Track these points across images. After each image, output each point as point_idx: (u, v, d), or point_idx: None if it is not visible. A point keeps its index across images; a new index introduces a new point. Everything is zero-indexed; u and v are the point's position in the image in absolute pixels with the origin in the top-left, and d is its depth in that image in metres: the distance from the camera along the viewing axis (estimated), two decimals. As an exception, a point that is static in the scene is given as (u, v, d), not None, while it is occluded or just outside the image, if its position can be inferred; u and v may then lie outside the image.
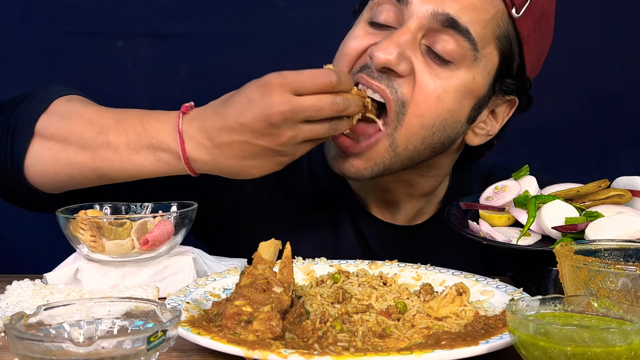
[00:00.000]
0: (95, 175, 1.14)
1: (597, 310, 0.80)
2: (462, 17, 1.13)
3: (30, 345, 0.72)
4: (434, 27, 1.14)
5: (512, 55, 1.20)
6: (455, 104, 1.17)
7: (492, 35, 1.17)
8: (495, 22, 1.16)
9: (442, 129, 1.18)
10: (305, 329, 0.89)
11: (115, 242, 1.09)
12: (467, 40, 1.14)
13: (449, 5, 1.13)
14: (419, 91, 1.14)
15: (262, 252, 0.94)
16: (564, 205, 1.12)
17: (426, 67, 1.14)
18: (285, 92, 1.02)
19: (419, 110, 1.15)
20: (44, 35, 1.89)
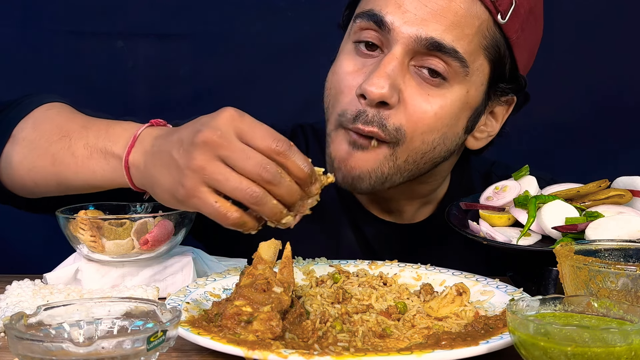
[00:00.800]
0: (55, 181, 1.12)
1: (597, 311, 0.80)
2: (447, 38, 1.11)
3: (30, 345, 0.72)
4: (420, 51, 1.13)
5: (502, 60, 1.20)
6: (452, 118, 1.17)
7: (479, 47, 1.15)
8: (480, 33, 1.15)
9: (442, 143, 1.19)
10: (305, 329, 0.89)
11: (115, 242, 1.09)
12: (456, 59, 1.13)
13: (432, 28, 1.11)
14: (413, 113, 1.14)
15: (262, 252, 0.94)
16: (564, 205, 1.12)
17: (418, 90, 1.14)
18: (229, 125, 0.93)
19: (418, 129, 1.15)
20: (44, 35, 1.88)
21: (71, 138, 1.10)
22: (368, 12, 1.15)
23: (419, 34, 1.11)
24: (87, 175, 1.08)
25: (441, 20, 1.11)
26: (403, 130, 1.14)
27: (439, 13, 1.11)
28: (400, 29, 1.12)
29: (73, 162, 1.08)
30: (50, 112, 1.18)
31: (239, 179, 0.90)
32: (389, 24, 1.12)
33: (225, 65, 1.94)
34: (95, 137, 1.08)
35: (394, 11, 1.12)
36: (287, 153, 0.93)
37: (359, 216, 1.37)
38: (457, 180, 1.39)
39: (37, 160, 1.12)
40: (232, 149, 0.91)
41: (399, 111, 1.14)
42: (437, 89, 1.14)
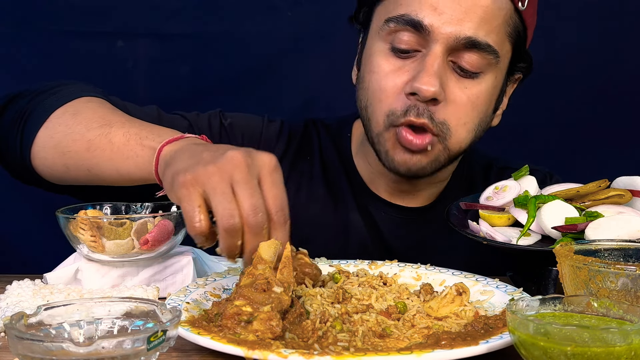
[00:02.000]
0: (87, 167, 1.14)
1: (597, 310, 0.80)
2: (480, 34, 1.21)
3: (30, 345, 0.72)
4: (457, 47, 1.21)
5: (522, 43, 1.30)
6: (487, 103, 1.28)
7: (505, 35, 1.25)
8: (506, 22, 1.24)
9: (480, 127, 1.30)
10: (305, 329, 0.89)
11: (115, 242, 1.09)
12: (489, 52, 1.22)
13: (466, 27, 1.20)
14: (456, 107, 1.24)
15: (262, 252, 0.94)
16: (564, 205, 1.12)
17: (456, 84, 1.24)
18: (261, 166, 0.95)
19: (461, 121, 1.25)
20: (44, 35, 1.89)
21: (112, 126, 1.13)
22: (403, 16, 1.22)
23: (457, 33, 1.19)
24: (119, 161, 1.10)
25: (473, 17, 1.20)
26: (447, 124, 1.24)
27: (471, 10, 1.20)
28: (439, 29, 1.20)
29: (109, 148, 1.11)
30: (92, 103, 1.22)
31: (232, 203, 0.91)
32: (428, 27, 1.20)
33: (225, 65, 1.94)
34: (139, 128, 1.11)
35: (431, 14, 1.20)
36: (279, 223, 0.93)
37: (368, 200, 1.41)
38: (459, 171, 1.45)
39: (72, 145, 1.15)
40: (247, 180, 0.92)
41: (444, 106, 1.23)
42: (473, 80, 1.24)
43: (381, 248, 1.39)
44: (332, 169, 1.44)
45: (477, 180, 1.47)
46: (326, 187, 1.43)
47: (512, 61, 1.31)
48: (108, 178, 1.15)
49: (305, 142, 1.47)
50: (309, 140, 1.47)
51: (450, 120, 1.24)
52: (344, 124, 1.48)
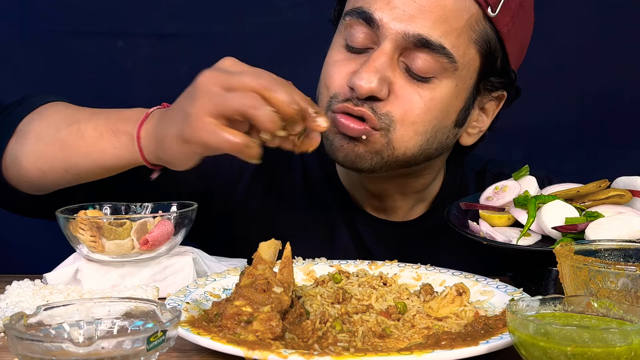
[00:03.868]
0: (64, 168, 1.12)
1: (597, 311, 0.80)
2: (434, 34, 1.13)
3: (30, 345, 0.72)
4: (408, 47, 1.14)
5: (493, 54, 1.21)
6: (442, 111, 1.19)
7: (468, 41, 1.17)
8: (469, 27, 1.16)
9: (434, 135, 1.20)
10: (305, 329, 0.88)
11: (115, 242, 1.09)
12: (443, 55, 1.14)
13: (419, 24, 1.13)
14: (403, 103, 1.16)
15: (262, 252, 0.94)
16: (564, 205, 1.12)
17: (407, 83, 1.16)
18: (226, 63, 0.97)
19: (408, 118, 1.17)
20: (44, 35, 1.89)
21: (80, 123, 1.11)
22: (357, 9, 1.17)
23: (406, 30, 1.13)
24: (96, 155, 1.09)
25: (429, 15, 1.13)
26: (391, 116, 1.16)
27: (427, 8, 1.13)
28: (388, 25, 1.13)
29: (82, 144, 1.09)
30: (57, 106, 1.20)
31: (236, 93, 0.92)
32: (377, 21, 1.14)
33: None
34: (106, 119, 1.10)
35: (383, 7, 1.14)
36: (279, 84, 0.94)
37: (354, 215, 1.38)
38: (451, 178, 1.40)
39: (44, 149, 1.13)
40: (229, 75, 0.94)
41: (389, 102, 1.16)
42: (425, 84, 1.16)
43: None
44: (315, 181, 1.41)
45: (470, 187, 1.43)
46: (308, 201, 1.40)
47: (484, 74, 1.21)
48: (87, 174, 1.13)
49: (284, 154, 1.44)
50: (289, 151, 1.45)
51: (395, 113, 1.16)
52: None
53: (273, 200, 1.40)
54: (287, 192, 1.41)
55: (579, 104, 1.96)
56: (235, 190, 1.40)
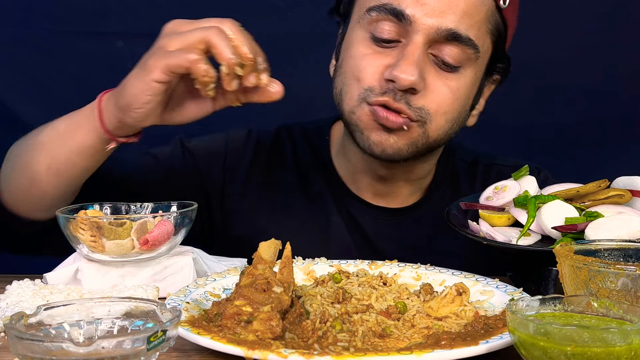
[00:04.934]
0: (45, 166, 1.17)
1: (597, 310, 0.80)
2: (462, 27, 1.20)
3: (30, 345, 0.72)
4: (438, 40, 1.21)
5: (502, 42, 1.30)
6: (466, 98, 1.28)
7: (486, 32, 1.25)
8: (487, 19, 1.24)
9: (459, 120, 1.30)
10: (305, 329, 0.88)
11: (115, 242, 1.09)
12: (470, 46, 1.22)
13: (449, 19, 1.20)
14: (436, 97, 1.23)
15: (262, 252, 0.94)
16: (563, 205, 1.12)
17: (437, 76, 1.23)
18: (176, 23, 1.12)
19: (441, 109, 1.25)
20: (44, 35, 1.89)
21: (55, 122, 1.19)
22: (385, 5, 1.22)
23: (439, 24, 1.19)
24: (68, 138, 1.15)
25: (456, 10, 1.20)
26: (426, 109, 1.23)
27: (454, 3, 1.20)
28: (421, 20, 1.19)
29: (57, 135, 1.17)
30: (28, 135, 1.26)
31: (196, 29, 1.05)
32: (410, 17, 1.20)
33: (224, 65, 1.94)
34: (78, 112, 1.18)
35: (413, 4, 1.20)
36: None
37: (351, 202, 1.41)
38: (443, 168, 1.45)
39: (25, 155, 1.19)
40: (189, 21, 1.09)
41: (422, 95, 1.22)
42: (452, 74, 1.24)
43: (369, 250, 1.37)
44: (309, 174, 1.44)
45: (462, 177, 1.47)
46: (304, 194, 1.43)
47: (492, 60, 1.31)
48: (67, 166, 1.17)
49: (277, 151, 1.46)
50: (281, 149, 1.47)
51: (430, 107, 1.23)
52: (322, 127, 1.48)
53: (268, 196, 1.42)
54: (282, 186, 1.43)
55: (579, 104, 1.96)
56: (231, 190, 1.42)
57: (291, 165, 1.44)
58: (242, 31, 1.04)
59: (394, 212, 1.41)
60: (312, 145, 1.46)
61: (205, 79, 1.01)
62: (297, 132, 1.49)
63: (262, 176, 1.43)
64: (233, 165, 1.44)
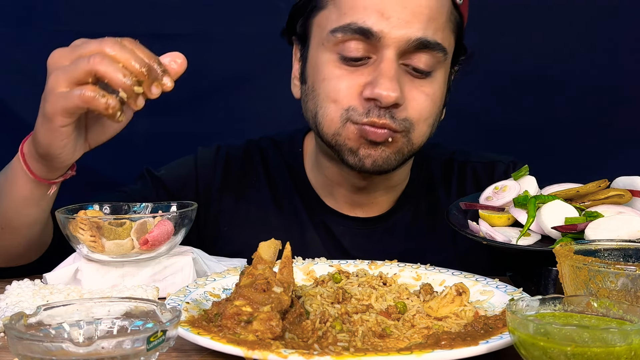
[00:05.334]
0: None
1: (597, 310, 0.80)
2: (429, 34, 1.21)
3: (30, 345, 0.72)
4: (408, 50, 1.21)
5: (461, 36, 1.32)
6: (441, 98, 1.31)
7: (450, 31, 1.27)
8: (448, 19, 1.25)
9: (437, 121, 1.32)
10: (305, 329, 0.89)
11: (115, 242, 1.09)
12: (439, 50, 1.23)
13: (415, 28, 1.20)
14: (416, 106, 1.25)
15: (262, 252, 0.94)
16: (563, 205, 1.12)
17: (412, 85, 1.24)
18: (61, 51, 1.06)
19: (422, 117, 1.26)
20: (44, 35, 1.88)
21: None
22: (350, 25, 1.20)
23: (407, 35, 1.19)
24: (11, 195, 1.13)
25: (421, 18, 1.20)
26: (410, 119, 1.24)
27: (418, 12, 1.20)
28: (389, 34, 1.19)
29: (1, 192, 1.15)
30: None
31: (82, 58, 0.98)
32: (378, 33, 1.19)
33: (225, 65, 1.94)
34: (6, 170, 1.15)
35: (379, 19, 1.19)
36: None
37: (325, 215, 1.40)
38: (417, 172, 1.45)
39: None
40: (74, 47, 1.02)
41: (404, 106, 1.23)
42: (426, 79, 1.25)
43: None
44: (282, 189, 1.43)
45: (437, 179, 1.46)
46: (278, 210, 1.42)
47: (454, 55, 1.32)
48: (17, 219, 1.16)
49: (248, 166, 1.46)
50: (251, 164, 1.46)
51: (412, 116, 1.24)
52: (294, 139, 1.46)
53: (242, 216, 1.42)
54: (255, 203, 1.42)
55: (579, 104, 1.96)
56: (206, 215, 1.41)
57: (264, 181, 1.44)
58: (125, 46, 0.98)
59: (367, 222, 1.41)
60: (285, 158, 1.45)
61: (109, 111, 0.97)
62: (266, 144, 1.48)
63: (234, 196, 1.43)
64: (205, 188, 1.43)
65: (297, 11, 1.32)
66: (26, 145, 1.11)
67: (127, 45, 0.99)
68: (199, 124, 1.94)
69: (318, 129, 1.28)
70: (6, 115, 1.89)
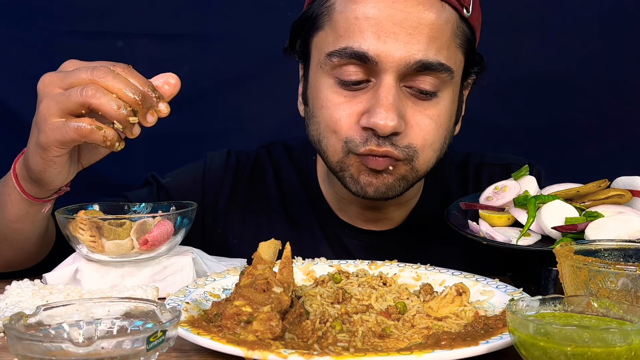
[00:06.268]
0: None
1: (597, 310, 0.80)
2: (430, 54, 1.14)
3: (30, 345, 0.72)
4: (408, 72, 1.15)
5: (472, 48, 1.24)
6: (449, 120, 1.24)
7: (456, 47, 1.19)
8: (454, 34, 1.18)
9: (445, 143, 1.25)
10: (305, 329, 0.88)
11: (114, 242, 1.09)
12: (443, 71, 1.16)
13: (414, 49, 1.12)
14: (419, 132, 1.18)
15: (262, 252, 0.94)
16: (563, 205, 1.12)
17: (415, 109, 1.18)
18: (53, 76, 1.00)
19: (427, 142, 1.20)
20: (44, 35, 1.89)
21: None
22: (345, 50, 1.15)
23: (407, 58, 1.13)
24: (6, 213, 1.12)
25: (420, 38, 1.13)
26: (413, 146, 1.18)
27: (417, 31, 1.12)
28: (387, 58, 1.13)
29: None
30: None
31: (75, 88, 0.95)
32: (374, 57, 1.13)
33: (225, 65, 1.94)
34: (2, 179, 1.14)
35: (375, 43, 1.13)
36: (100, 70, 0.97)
37: (338, 229, 1.37)
38: (432, 176, 1.39)
39: None
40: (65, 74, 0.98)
41: (405, 133, 1.17)
42: (430, 101, 1.18)
43: None
44: (294, 199, 1.39)
45: (453, 185, 1.43)
46: (289, 222, 1.38)
47: (465, 68, 1.25)
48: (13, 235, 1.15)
49: (258, 174, 1.42)
50: (262, 172, 1.42)
51: (416, 143, 1.18)
52: (307, 146, 1.39)
53: (251, 227, 1.39)
54: (265, 214, 1.39)
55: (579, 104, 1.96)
56: (212, 226, 1.39)
57: (274, 191, 1.40)
58: (117, 74, 0.96)
59: (381, 235, 1.37)
60: (298, 168, 1.41)
61: (107, 143, 0.96)
62: (278, 151, 1.44)
63: (244, 207, 1.39)
64: (212, 198, 1.40)
65: (297, 29, 1.28)
66: (18, 165, 1.09)
67: (120, 72, 0.97)
68: (198, 123, 1.95)
69: (323, 157, 1.25)
70: (6, 115, 1.89)
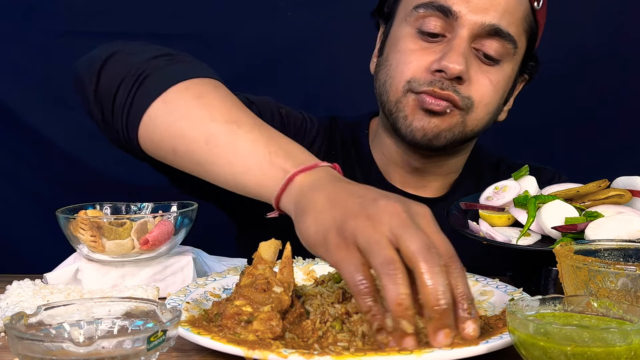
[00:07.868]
0: (197, 161, 1.03)
1: (597, 310, 0.80)
2: (503, 23, 1.29)
3: (30, 345, 0.72)
4: (481, 34, 1.29)
5: (533, 41, 1.38)
6: (504, 90, 1.36)
7: (523, 30, 1.33)
8: (523, 18, 1.33)
9: (495, 113, 1.37)
10: (305, 329, 0.88)
11: (115, 242, 1.09)
12: (510, 42, 1.30)
13: (491, 15, 1.28)
14: (479, 87, 1.30)
15: (262, 252, 0.94)
16: (563, 205, 1.12)
17: (479, 69, 1.30)
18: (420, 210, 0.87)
19: (484, 99, 1.31)
20: (44, 35, 1.89)
21: (240, 127, 1.02)
22: (433, 2, 1.29)
23: (482, 20, 1.27)
24: (239, 170, 1.00)
25: (498, 8, 1.28)
26: (472, 99, 1.30)
27: (496, 2, 1.29)
28: (466, 16, 1.27)
29: (231, 151, 1.00)
30: (219, 90, 1.10)
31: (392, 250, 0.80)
32: (456, 13, 1.28)
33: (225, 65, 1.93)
34: (268, 139, 1.00)
35: (459, 1, 1.28)
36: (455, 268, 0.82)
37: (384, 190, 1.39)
38: (469, 164, 1.49)
39: (189, 130, 1.03)
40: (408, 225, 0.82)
41: (467, 85, 1.29)
42: (493, 67, 1.32)
43: None
44: (349, 164, 1.47)
45: (486, 176, 1.50)
46: None
47: (524, 59, 1.38)
48: (217, 179, 1.04)
49: (333, 139, 1.50)
50: (334, 138, 1.50)
51: (475, 97, 1.30)
52: (361, 121, 1.52)
53: None
54: None
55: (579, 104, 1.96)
56: None
57: (340, 155, 1.48)
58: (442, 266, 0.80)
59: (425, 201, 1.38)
60: (354, 138, 1.51)
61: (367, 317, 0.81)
62: (342, 124, 1.53)
63: None
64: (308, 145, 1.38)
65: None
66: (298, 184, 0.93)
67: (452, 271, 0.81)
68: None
69: (382, 99, 1.35)
70: (6, 115, 1.89)
